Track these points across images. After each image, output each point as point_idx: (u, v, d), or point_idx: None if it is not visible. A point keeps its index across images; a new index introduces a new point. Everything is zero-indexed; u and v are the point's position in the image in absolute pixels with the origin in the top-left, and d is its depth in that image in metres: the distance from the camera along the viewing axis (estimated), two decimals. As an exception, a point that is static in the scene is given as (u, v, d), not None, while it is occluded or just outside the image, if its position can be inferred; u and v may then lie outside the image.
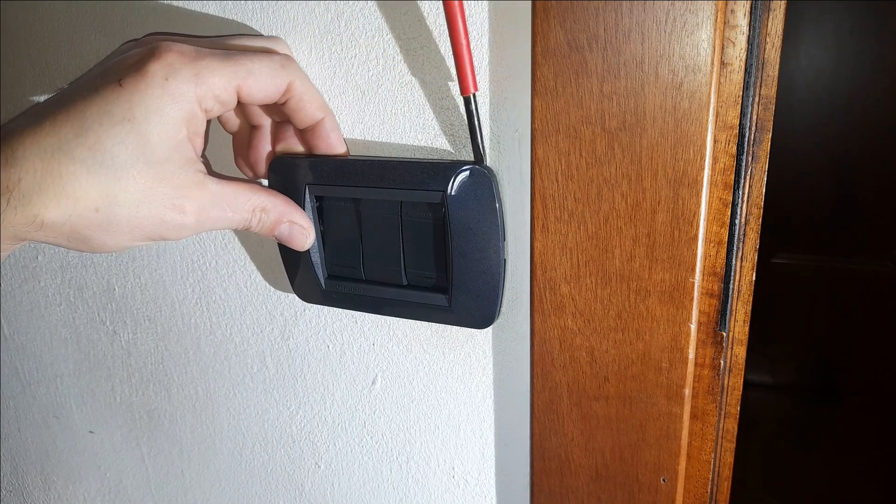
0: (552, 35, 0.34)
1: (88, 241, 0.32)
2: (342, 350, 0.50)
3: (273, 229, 0.38)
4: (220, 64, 0.33)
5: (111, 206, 0.31)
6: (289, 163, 0.40)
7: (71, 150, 0.30)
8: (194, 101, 0.32)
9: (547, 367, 0.40)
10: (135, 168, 0.31)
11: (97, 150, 0.30)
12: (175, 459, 0.63)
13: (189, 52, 0.33)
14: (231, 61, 0.34)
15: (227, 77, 0.33)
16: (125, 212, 0.32)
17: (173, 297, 0.56)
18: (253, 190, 0.37)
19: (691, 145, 0.33)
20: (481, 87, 0.38)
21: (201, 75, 0.32)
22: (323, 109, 0.39)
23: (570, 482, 0.43)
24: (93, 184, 0.31)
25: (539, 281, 0.39)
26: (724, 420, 0.41)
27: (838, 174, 1.76)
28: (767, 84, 0.35)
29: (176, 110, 0.32)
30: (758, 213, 0.37)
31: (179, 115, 0.32)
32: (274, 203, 0.38)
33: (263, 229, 0.38)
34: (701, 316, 0.38)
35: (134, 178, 0.31)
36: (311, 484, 0.57)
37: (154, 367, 0.60)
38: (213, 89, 0.33)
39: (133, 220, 0.32)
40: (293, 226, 0.39)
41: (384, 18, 0.39)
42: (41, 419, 0.70)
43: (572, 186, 0.36)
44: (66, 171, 0.30)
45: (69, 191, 0.30)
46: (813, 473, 1.70)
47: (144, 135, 0.31)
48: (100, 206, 0.31)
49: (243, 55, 0.35)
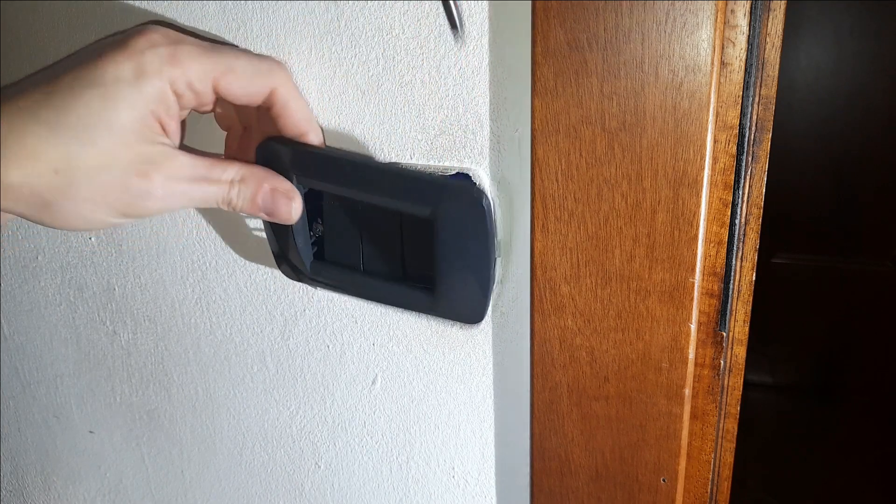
0: (552, 35, 0.34)
1: (50, 208, 0.31)
2: (342, 350, 0.50)
3: (254, 200, 0.36)
4: (200, 53, 0.33)
5: (71, 169, 0.31)
6: (278, 148, 0.38)
7: (37, 112, 0.30)
8: (166, 80, 0.32)
9: (547, 367, 0.40)
10: (98, 133, 0.31)
11: (62, 112, 0.30)
12: (175, 459, 0.63)
13: (173, 35, 0.32)
14: (213, 54, 0.33)
15: (205, 66, 0.33)
16: (86, 175, 0.31)
17: (173, 297, 0.56)
18: (229, 161, 0.36)
19: (691, 145, 0.33)
20: (481, 86, 0.38)
21: (178, 57, 0.32)
22: (308, 123, 0.38)
23: (570, 482, 0.43)
24: (54, 144, 0.30)
25: (539, 281, 0.39)
26: (724, 420, 0.41)
27: (838, 174, 1.76)
28: (767, 84, 0.35)
29: (147, 84, 0.31)
30: (758, 213, 0.37)
31: (150, 91, 0.32)
32: (252, 171, 0.36)
33: (244, 203, 0.36)
34: (701, 316, 0.38)
35: (96, 143, 0.31)
36: (311, 484, 0.57)
37: (154, 367, 0.60)
38: (188, 74, 0.32)
39: (94, 185, 0.31)
40: (275, 193, 0.37)
41: (384, 18, 0.39)
42: (41, 419, 0.70)
43: (572, 186, 0.36)
44: (29, 130, 0.30)
45: (30, 150, 0.30)
46: (813, 473, 1.70)
47: (112, 101, 0.31)
48: (59, 168, 0.31)
49: (230, 52, 0.34)
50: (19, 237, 0.61)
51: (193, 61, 0.33)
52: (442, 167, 0.40)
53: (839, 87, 1.69)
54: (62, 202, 0.31)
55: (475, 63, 0.38)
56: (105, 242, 0.57)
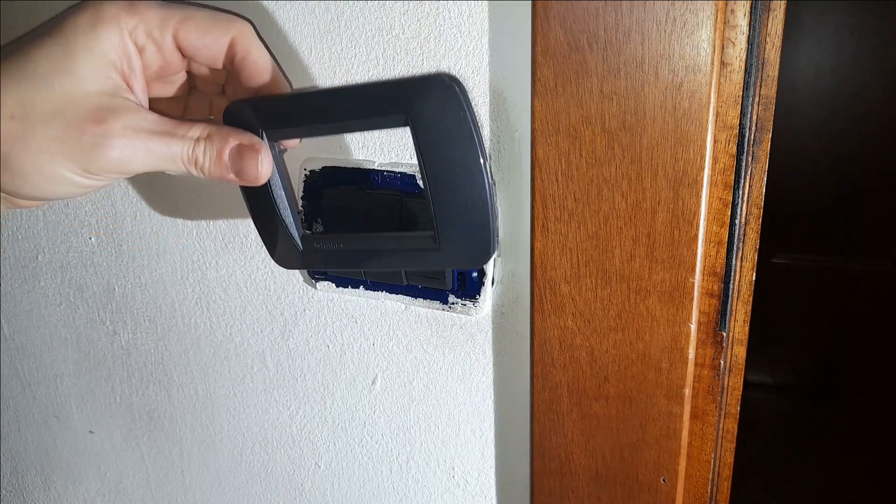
0: (552, 35, 0.34)
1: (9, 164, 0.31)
2: (342, 350, 0.50)
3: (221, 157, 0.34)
4: (159, 5, 0.33)
5: (27, 115, 0.30)
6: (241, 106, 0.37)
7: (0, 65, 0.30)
8: (125, 29, 0.32)
9: (547, 367, 0.40)
10: (55, 79, 0.31)
11: (21, 61, 0.31)
12: (175, 459, 0.63)
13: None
14: (172, 5, 0.33)
15: (163, 14, 0.33)
16: (42, 120, 0.31)
17: (173, 297, 0.56)
18: (194, 121, 0.35)
19: (691, 145, 0.33)
20: (481, 86, 0.38)
21: (135, 6, 0.32)
22: (269, 73, 0.36)
23: (570, 482, 0.43)
24: (10, 91, 0.30)
25: (539, 281, 0.39)
26: (724, 420, 0.41)
27: (838, 174, 1.76)
28: (767, 84, 0.35)
29: (104, 31, 0.31)
30: (758, 213, 0.37)
31: (108, 39, 0.31)
32: (218, 129, 0.35)
33: (211, 162, 0.34)
34: (701, 316, 0.38)
35: (53, 88, 0.31)
36: (311, 484, 0.57)
37: (154, 367, 0.60)
38: (145, 22, 0.32)
39: (50, 132, 0.31)
40: (242, 149, 0.35)
41: (384, 18, 0.39)
42: (41, 419, 0.70)
43: (572, 186, 0.36)
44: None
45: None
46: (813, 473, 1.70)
47: (70, 49, 0.31)
48: (15, 113, 0.30)
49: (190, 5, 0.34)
50: (19, 237, 0.61)
51: (150, 10, 0.32)
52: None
53: (839, 87, 1.69)
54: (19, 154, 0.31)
55: (475, 63, 0.38)
56: (105, 242, 0.57)
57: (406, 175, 0.41)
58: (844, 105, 1.70)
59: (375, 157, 0.42)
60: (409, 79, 0.35)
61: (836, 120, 1.71)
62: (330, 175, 0.43)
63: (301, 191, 0.44)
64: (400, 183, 0.41)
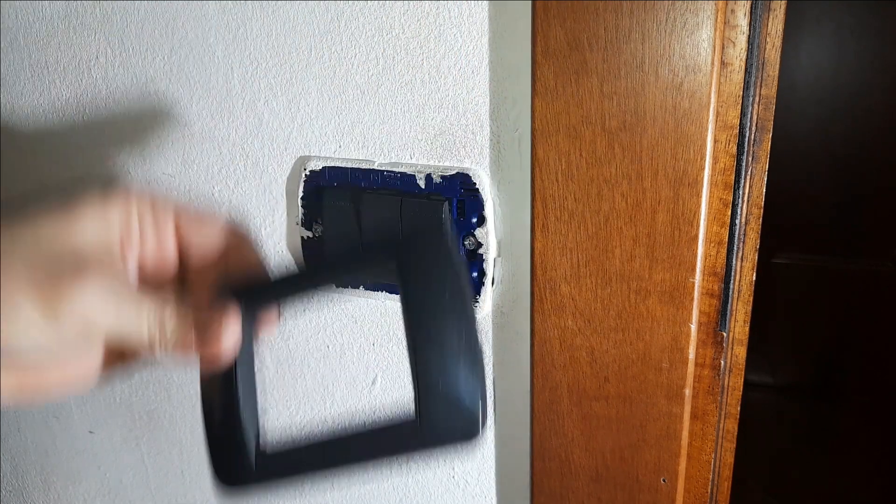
0: (552, 35, 0.34)
1: None
2: (342, 350, 0.50)
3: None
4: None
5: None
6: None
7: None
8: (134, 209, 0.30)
9: (547, 367, 0.40)
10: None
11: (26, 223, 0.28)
12: (175, 459, 0.63)
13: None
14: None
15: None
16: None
17: (173, 297, 0.56)
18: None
19: (691, 145, 0.33)
20: (481, 86, 0.38)
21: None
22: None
23: (570, 482, 0.43)
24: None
25: (539, 281, 0.39)
26: (725, 420, 0.41)
27: (839, 174, 1.76)
28: (767, 84, 0.35)
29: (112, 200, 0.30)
30: (758, 213, 0.37)
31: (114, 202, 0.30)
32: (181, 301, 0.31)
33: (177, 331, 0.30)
34: (701, 316, 0.38)
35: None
36: (311, 484, 0.57)
37: (154, 367, 0.60)
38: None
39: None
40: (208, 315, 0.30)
41: (384, 18, 0.39)
42: (41, 419, 0.70)
43: (572, 186, 0.36)
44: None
45: None
46: (813, 473, 1.70)
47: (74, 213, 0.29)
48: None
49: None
50: (19, 237, 0.61)
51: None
52: (442, 167, 0.40)
53: (839, 87, 1.69)
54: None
55: (475, 63, 0.38)
56: (105, 242, 0.57)
57: (406, 175, 0.41)
58: (845, 105, 1.70)
59: (375, 157, 0.42)
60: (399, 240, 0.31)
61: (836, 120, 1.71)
62: (330, 175, 0.43)
63: (301, 191, 0.44)
64: (400, 183, 0.41)
